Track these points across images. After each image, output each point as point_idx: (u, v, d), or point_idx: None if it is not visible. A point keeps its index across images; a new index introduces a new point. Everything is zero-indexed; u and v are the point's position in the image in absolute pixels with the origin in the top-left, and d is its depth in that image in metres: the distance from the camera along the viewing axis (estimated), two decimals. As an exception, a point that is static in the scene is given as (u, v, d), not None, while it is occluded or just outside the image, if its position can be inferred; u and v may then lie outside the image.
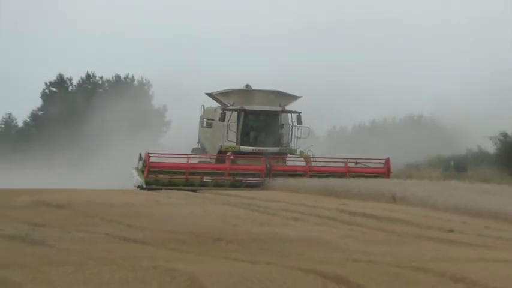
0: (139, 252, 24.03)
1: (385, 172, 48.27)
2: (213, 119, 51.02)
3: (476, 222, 31.17)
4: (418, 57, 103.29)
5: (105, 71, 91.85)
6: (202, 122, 52.34)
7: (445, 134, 56.21)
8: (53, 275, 20.83)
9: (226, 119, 49.60)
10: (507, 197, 35.63)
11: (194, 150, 52.15)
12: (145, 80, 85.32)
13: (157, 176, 47.70)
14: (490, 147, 52.11)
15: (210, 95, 51.18)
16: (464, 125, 55.55)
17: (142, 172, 47.70)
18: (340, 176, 47.99)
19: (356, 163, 49.11)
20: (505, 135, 50.71)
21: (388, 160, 48.85)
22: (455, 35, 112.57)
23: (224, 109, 49.51)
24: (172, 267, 21.29)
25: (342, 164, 49.44)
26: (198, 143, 52.60)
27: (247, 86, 50.52)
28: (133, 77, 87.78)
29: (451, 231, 29.51)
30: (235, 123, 49.70)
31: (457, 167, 50.04)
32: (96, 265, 22.05)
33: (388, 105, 64.76)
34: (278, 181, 46.55)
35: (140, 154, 48.41)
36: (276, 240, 26.65)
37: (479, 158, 51.99)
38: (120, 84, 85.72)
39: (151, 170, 47.56)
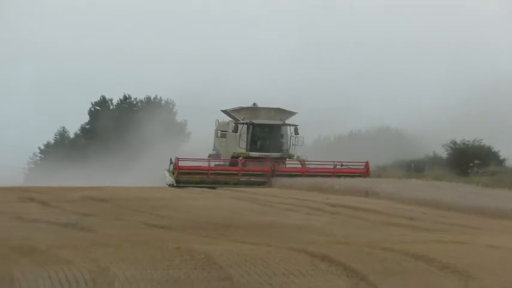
0: (165, 236, 24.79)
1: (365, 172, 48.52)
2: (226, 131, 52.06)
3: (433, 212, 31.73)
4: (393, 74, 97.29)
5: (138, 93, 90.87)
6: (217, 133, 53.29)
7: (407, 142, 56.08)
8: (98, 254, 21.73)
9: (238, 130, 50.76)
10: (456, 192, 36.10)
11: (210, 155, 52.70)
12: (170, 100, 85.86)
13: (185, 176, 47.43)
14: (443, 153, 52.52)
15: (225, 111, 52.59)
16: (423, 135, 55.48)
17: (173, 173, 47.85)
18: (329, 176, 47.76)
19: (342, 165, 49.15)
20: (454, 143, 51.60)
21: (367, 162, 49.28)
22: (425, 55, 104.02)
23: (236, 123, 51.04)
24: (192, 247, 22.06)
25: (331, 166, 48.92)
26: (214, 150, 52.98)
27: (254, 104, 51.62)
28: (160, 98, 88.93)
29: (412, 219, 30.08)
30: (245, 134, 50.59)
31: (417, 168, 50.58)
32: (130, 246, 22.89)
33: (364, 118, 64.21)
34: (277, 179, 46.60)
35: (171, 159, 48.73)
36: (274, 227, 27.08)
37: (434, 161, 52.53)
38: (151, 104, 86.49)
39: (180, 171, 47.53)
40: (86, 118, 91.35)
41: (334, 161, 50.42)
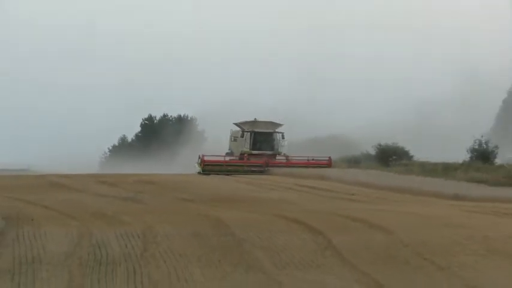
0: (190, 206, 24.97)
1: (329, 164, 48.42)
2: (237, 137, 52.14)
3: (365, 190, 31.66)
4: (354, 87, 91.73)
5: (173, 110, 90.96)
6: (231, 138, 53.66)
7: (350, 144, 56.22)
8: (146, 218, 21.99)
9: (244, 136, 50.83)
10: (381, 176, 36.15)
11: (227, 153, 52.72)
12: (194, 117, 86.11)
13: (208, 166, 47.54)
14: (372, 151, 52.54)
15: (236, 124, 52.84)
16: (360, 139, 55.56)
17: (200, 165, 47.79)
18: (305, 167, 47.59)
19: (313, 159, 49.15)
20: (379, 145, 51.63)
21: (330, 157, 49.18)
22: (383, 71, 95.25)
23: (243, 131, 51.07)
24: (208, 214, 22.29)
25: (306, 160, 49.13)
26: (229, 149, 53.12)
27: (255, 119, 52.36)
28: (187, 116, 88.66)
29: (353, 194, 29.89)
30: (249, 139, 50.57)
31: (356, 161, 50.58)
32: (168, 214, 23.02)
33: (324, 127, 63.82)
34: (270, 169, 47.12)
35: (199, 155, 48.69)
36: (262, 200, 27.05)
37: (367, 157, 52.61)
38: (181, 120, 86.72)
39: (205, 164, 47.57)
40: (139, 129, 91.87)
41: (307, 156, 50.38)
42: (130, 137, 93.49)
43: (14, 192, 29.18)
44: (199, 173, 47.99)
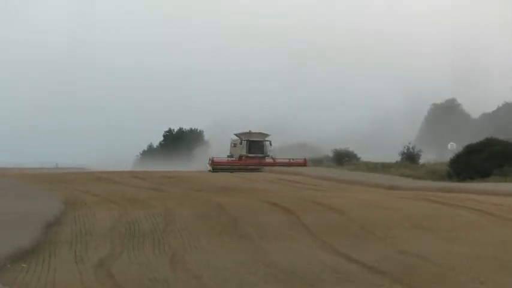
0: (200, 194, 24.58)
1: (304, 163, 47.94)
2: (236, 143, 51.40)
3: (326, 182, 31.27)
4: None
5: (186, 124, 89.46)
6: (231, 145, 52.51)
7: (315, 149, 55.75)
8: (167, 202, 21.60)
9: (242, 143, 50.09)
10: (337, 173, 36.20)
11: (228, 156, 51.87)
12: (201, 130, 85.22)
13: (217, 166, 46.93)
14: (331, 154, 52.26)
15: (235, 134, 51.85)
16: (323, 145, 55.00)
17: (210, 165, 47.16)
18: (287, 166, 46.38)
19: (293, 159, 48.63)
20: (335, 149, 51.45)
21: (305, 158, 49.00)
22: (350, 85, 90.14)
23: (241, 140, 50.35)
24: (211, 199, 22.09)
25: (287, 160, 48.56)
26: (230, 153, 52.24)
27: (249, 130, 51.36)
28: (196, 129, 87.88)
29: (316, 185, 29.54)
30: (246, 145, 49.96)
31: (319, 162, 50.29)
32: (183, 200, 22.36)
33: (300, 135, 62.99)
34: (261, 168, 46.34)
35: (209, 158, 48.22)
36: (251, 189, 26.64)
37: (327, 158, 52.27)
38: (192, 132, 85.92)
39: (215, 163, 47.13)
40: (161, 138, 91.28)
41: (289, 158, 49.68)
42: (155, 144, 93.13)
43: (71, 184, 29.14)
44: (209, 171, 46.70)
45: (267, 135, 52.21)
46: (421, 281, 11.89)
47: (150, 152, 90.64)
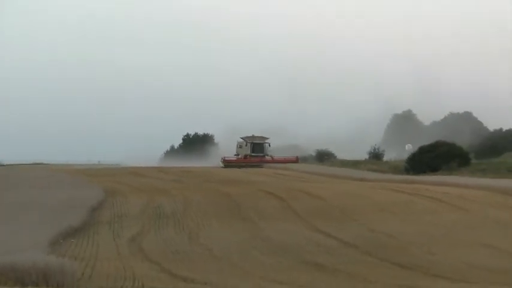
0: (211, 185, 23.89)
1: (296, 161, 45.98)
2: (242, 145, 49.67)
3: (311, 176, 30.35)
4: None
5: (200, 129, 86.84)
6: (238, 146, 50.48)
7: (302, 149, 54.17)
8: (185, 192, 20.98)
9: (247, 145, 48.71)
10: (318, 169, 35.44)
11: (235, 155, 50.38)
12: (212, 134, 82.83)
13: (227, 163, 45.88)
14: (314, 153, 50.95)
15: (241, 137, 50.24)
16: (309, 146, 53.55)
17: (222, 162, 46.11)
18: (282, 163, 43.86)
19: (286, 157, 47.30)
20: (317, 150, 50.35)
21: (297, 156, 46.74)
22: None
23: (246, 142, 48.82)
24: (220, 189, 21.58)
25: (283, 158, 46.96)
26: (236, 153, 50.52)
27: (252, 134, 49.57)
28: (208, 134, 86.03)
29: (303, 177, 28.78)
30: (250, 146, 48.61)
31: (305, 160, 49.05)
32: (198, 189, 21.74)
33: (292, 137, 61.02)
34: (262, 165, 44.63)
35: (222, 157, 47.00)
36: (251, 181, 26.02)
37: (311, 157, 50.92)
38: (205, 136, 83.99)
39: (226, 161, 46.08)
40: (181, 141, 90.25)
41: (284, 157, 46.87)
42: (176, 145, 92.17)
43: (109, 177, 28.67)
44: (221, 167, 44.47)
45: (266, 138, 50.34)
46: (386, 253, 12.12)
47: (172, 152, 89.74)
